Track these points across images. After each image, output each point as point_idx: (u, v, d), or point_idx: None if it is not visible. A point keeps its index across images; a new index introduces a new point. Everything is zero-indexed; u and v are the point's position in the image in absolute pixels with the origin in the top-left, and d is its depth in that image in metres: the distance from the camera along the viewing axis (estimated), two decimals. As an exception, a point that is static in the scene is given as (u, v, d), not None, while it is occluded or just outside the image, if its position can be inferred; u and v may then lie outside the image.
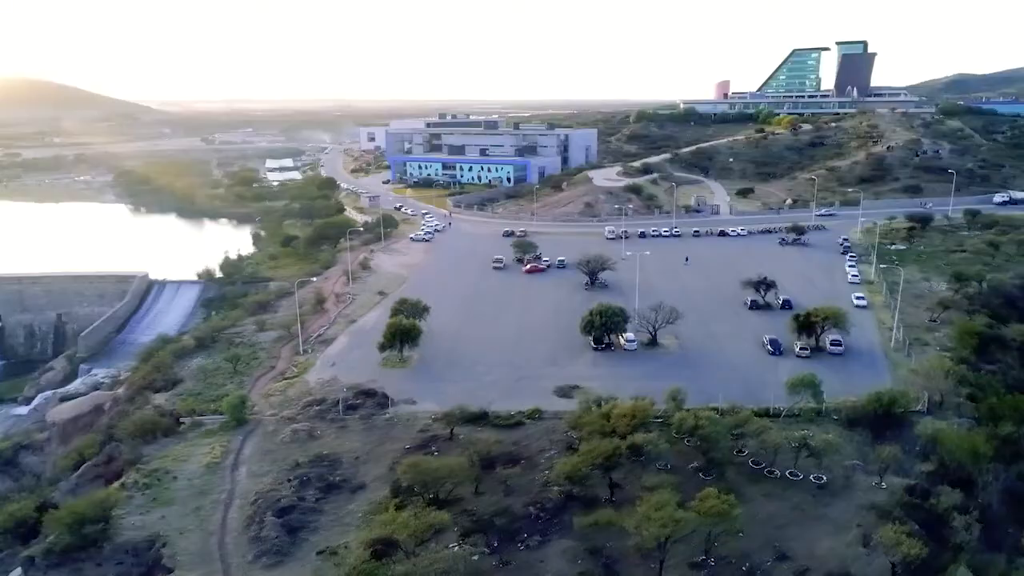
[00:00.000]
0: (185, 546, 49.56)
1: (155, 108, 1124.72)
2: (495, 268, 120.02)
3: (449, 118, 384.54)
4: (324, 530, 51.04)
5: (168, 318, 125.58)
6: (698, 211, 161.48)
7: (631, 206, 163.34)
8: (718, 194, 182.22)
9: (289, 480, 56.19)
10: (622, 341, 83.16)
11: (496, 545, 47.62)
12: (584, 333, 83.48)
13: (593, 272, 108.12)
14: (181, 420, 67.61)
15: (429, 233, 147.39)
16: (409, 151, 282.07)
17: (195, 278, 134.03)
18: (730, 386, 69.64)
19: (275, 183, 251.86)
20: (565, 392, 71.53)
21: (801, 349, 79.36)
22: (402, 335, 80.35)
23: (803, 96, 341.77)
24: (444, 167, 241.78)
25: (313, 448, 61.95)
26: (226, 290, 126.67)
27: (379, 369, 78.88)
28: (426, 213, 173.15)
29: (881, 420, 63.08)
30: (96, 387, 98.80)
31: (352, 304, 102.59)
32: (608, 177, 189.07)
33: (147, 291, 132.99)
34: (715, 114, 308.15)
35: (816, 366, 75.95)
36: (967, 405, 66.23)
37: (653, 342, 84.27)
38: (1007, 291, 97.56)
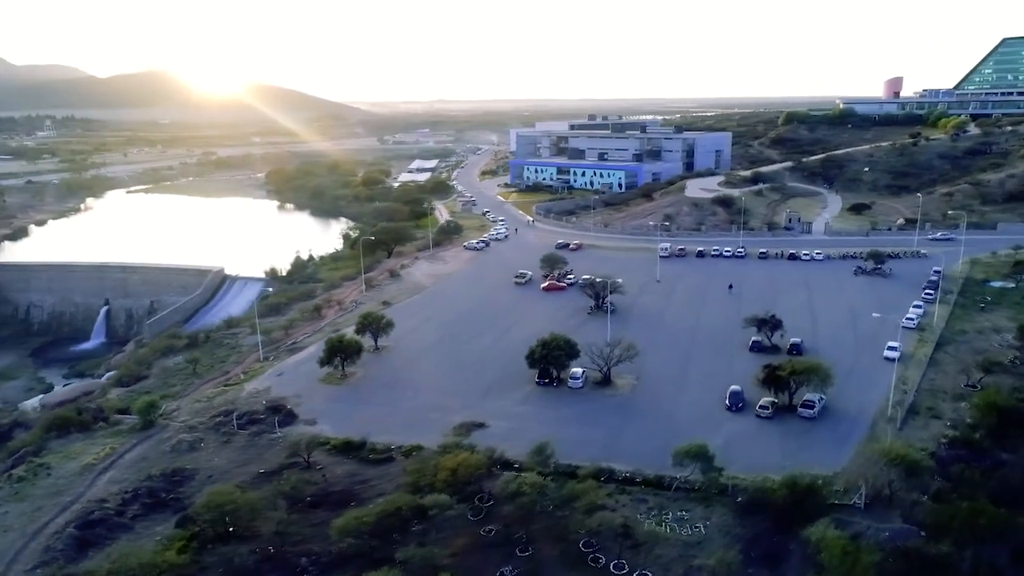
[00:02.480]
0: (-2, 545, 52.36)
1: (363, 109, 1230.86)
2: (516, 283, 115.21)
3: (600, 119, 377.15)
4: (115, 551, 51.33)
5: (229, 311, 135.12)
6: (788, 229, 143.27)
7: (713, 220, 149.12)
8: (829, 209, 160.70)
9: (126, 492, 57.40)
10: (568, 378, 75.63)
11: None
12: (530, 366, 77.09)
13: (599, 295, 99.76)
14: (104, 418, 71.83)
15: (483, 242, 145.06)
16: (539, 154, 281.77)
17: (262, 275, 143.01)
18: (657, 443, 59.72)
19: (396, 184, 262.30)
20: (467, 429, 66.47)
21: (761, 408, 66.94)
22: (341, 352, 79.42)
23: (1011, 93, 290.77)
24: (559, 172, 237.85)
25: (182, 461, 62.88)
26: (283, 288, 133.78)
27: (315, 384, 78.55)
28: (500, 220, 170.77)
29: (791, 510, 51.20)
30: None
31: (349, 313, 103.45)
32: (706, 187, 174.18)
33: (220, 285, 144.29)
34: (878, 116, 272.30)
35: (771, 430, 64.65)
36: (925, 507, 51.81)
37: (606, 381, 75.68)
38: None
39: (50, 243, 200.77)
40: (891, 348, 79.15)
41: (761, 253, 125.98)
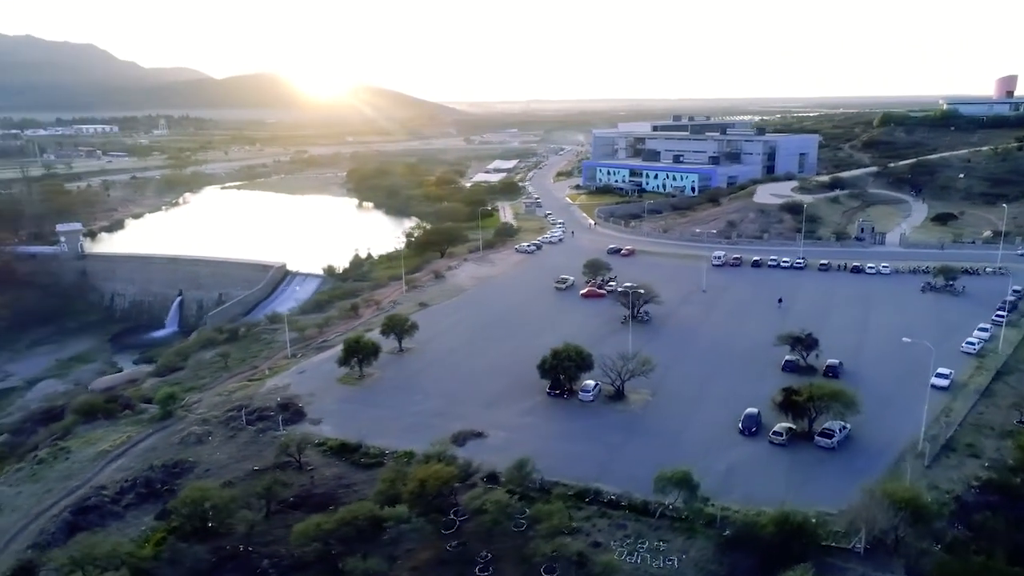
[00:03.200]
0: (2, 524, 55.71)
1: (459, 109, 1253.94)
2: (556, 289, 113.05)
3: (685, 120, 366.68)
4: (105, 537, 53.46)
5: (287, 306, 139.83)
6: (859, 239, 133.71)
7: (779, 228, 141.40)
8: (912, 219, 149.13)
9: (125, 481, 59.81)
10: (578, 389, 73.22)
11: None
12: (542, 376, 75.15)
13: (634, 305, 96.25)
14: (130, 407, 75.40)
15: (534, 245, 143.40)
16: (615, 155, 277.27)
17: (320, 272, 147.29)
18: (654, 465, 54.67)
19: (468, 184, 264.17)
20: (464, 438, 65.52)
21: (775, 434, 62.35)
22: (358, 353, 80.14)
23: None
24: (631, 174, 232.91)
25: (186, 453, 65.01)
26: (337, 285, 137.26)
27: (332, 384, 79.59)
28: (559, 223, 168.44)
29: (779, 549, 47.28)
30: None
31: (385, 314, 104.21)
32: (777, 192, 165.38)
33: (281, 280, 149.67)
34: (986, 117, 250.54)
35: (781, 458, 60.31)
36: (934, 557, 46.63)
37: (619, 395, 72.73)
38: None
39: (141, 235, 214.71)
40: (940, 375, 72.23)
41: (822, 265, 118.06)
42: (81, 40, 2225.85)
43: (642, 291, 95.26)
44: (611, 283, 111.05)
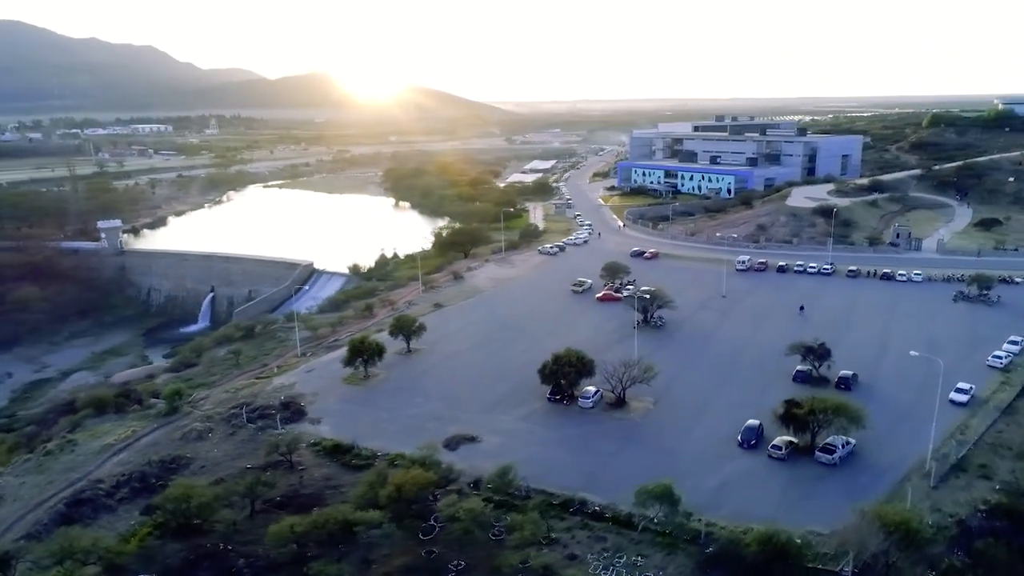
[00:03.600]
0: (2, 513, 57.44)
1: (505, 109, 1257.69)
2: (573, 292, 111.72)
3: (728, 120, 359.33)
4: (93, 531, 54.59)
5: (310, 304, 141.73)
6: (894, 245, 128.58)
7: (810, 232, 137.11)
8: (954, 224, 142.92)
9: (122, 475, 61.06)
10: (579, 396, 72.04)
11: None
12: (542, 381, 74.16)
13: (646, 309, 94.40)
14: (139, 401, 77.17)
15: (557, 247, 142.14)
16: (653, 156, 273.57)
17: (345, 271, 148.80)
18: (645, 476, 52.78)
19: (503, 184, 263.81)
20: (457, 442, 65.14)
21: (773, 448, 60.13)
22: (362, 353, 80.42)
23: None
24: (667, 175, 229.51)
25: (185, 449, 66.10)
26: (360, 284, 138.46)
27: (337, 383, 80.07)
28: (587, 224, 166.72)
29: (762, 570, 45.52)
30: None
31: (399, 314, 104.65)
32: (812, 195, 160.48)
33: (308, 278, 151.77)
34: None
35: (779, 473, 58.36)
36: (926, 582, 44.23)
37: (620, 402, 71.27)
38: None
39: (181, 232, 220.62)
40: (959, 390, 68.83)
41: (850, 271, 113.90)
42: (142, 42, 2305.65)
43: (654, 295, 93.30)
44: (629, 287, 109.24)
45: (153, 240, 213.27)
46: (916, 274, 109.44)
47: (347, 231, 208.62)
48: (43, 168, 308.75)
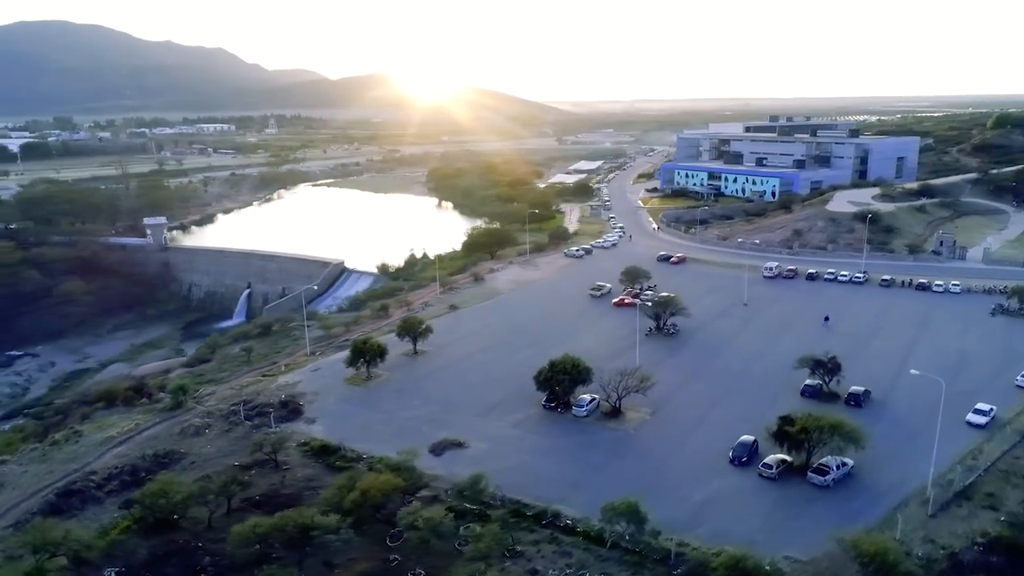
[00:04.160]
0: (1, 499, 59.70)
1: (562, 109, 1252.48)
2: (591, 296, 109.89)
3: (783, 121, 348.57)
4: (79, 523, 56.09)
5: (337, 303, 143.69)
6: (936, 253, 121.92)
7: (848, 238, 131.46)
8: (1007, 231, 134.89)
9: (115, 468, 62.65)
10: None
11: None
12: (538, 388, 72.94)
13: (659, 316, 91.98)
14: (148, 395, 79.26)
15: (583, 249, 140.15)
16: (699, 157, 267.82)
17: (374, 270, 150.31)
18: (626, 490, 50.77)
19: (543, 185, 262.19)
20: (443, 447, 64.65)
21: (764, 466, 57.48)
22: (365, 354, 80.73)
23: None
24: (710, 177, 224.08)
25: (180, 444, 67.45)
26: (387, 284, 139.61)
27: (339, 384, 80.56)
28: (619, 227, 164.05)
29: (730, 595, 43.51)
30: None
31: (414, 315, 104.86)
32: (855, 199, 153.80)
33: (338, 276, 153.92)
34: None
35: (767, 493, 56.14)
36: (905, 619, 41.41)
37: (616, 412, 69.47)
38: None
39: (228, 229, 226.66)
40: (977, 412, 64.64)
41: (883, 280, 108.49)
42: (213, 45, 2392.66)
43: (667, 302, 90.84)
44: (648, 292, 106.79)
45: (201, 237, 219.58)
46: (954, 284, 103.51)
47: (385, 230, 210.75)
48: (107, 166, 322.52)
